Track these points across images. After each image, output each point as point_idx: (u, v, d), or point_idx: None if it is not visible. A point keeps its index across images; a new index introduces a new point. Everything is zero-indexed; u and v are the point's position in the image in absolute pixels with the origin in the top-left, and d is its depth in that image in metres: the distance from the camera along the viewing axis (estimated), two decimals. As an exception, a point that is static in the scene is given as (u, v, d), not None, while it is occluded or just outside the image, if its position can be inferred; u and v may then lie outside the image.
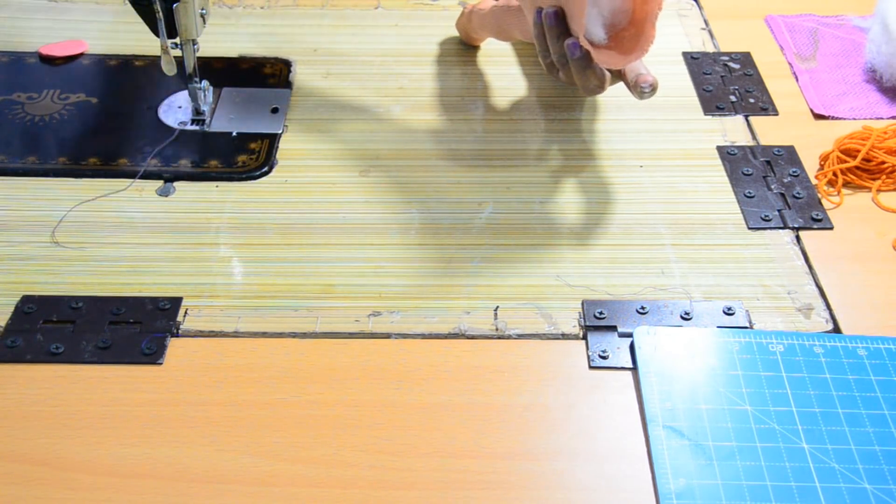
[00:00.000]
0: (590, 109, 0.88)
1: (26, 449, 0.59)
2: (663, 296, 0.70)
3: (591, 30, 0.74)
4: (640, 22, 0.74)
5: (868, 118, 0.87)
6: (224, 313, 0.68)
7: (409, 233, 0.75)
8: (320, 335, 0.66)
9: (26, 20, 0.99)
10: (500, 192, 0.79)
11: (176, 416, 0.61)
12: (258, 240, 0.74)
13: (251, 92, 0.89)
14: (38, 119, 0.85)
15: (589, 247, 0.74)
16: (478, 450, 0.59)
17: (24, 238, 0.74)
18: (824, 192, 0.79)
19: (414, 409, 0.62)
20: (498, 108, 0.88)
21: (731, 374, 0.63)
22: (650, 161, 0.82)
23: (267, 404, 0.62)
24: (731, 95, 0.90)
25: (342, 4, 1.02)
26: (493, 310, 0.68)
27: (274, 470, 0.58)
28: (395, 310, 0.68)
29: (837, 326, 0.68)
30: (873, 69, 0.91)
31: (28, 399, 0.62)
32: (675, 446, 0.59)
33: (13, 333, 0.66)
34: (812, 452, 0.59)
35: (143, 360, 0.64)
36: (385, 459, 0.59)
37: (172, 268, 0.72)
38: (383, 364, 0.64)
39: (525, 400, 0.62)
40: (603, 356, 0.65)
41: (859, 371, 0.63)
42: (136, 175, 0.79)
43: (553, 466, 0.58)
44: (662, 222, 0.76)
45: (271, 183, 0.80)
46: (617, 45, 0.74)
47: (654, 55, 0.95)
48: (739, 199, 0.78)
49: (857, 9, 1.01)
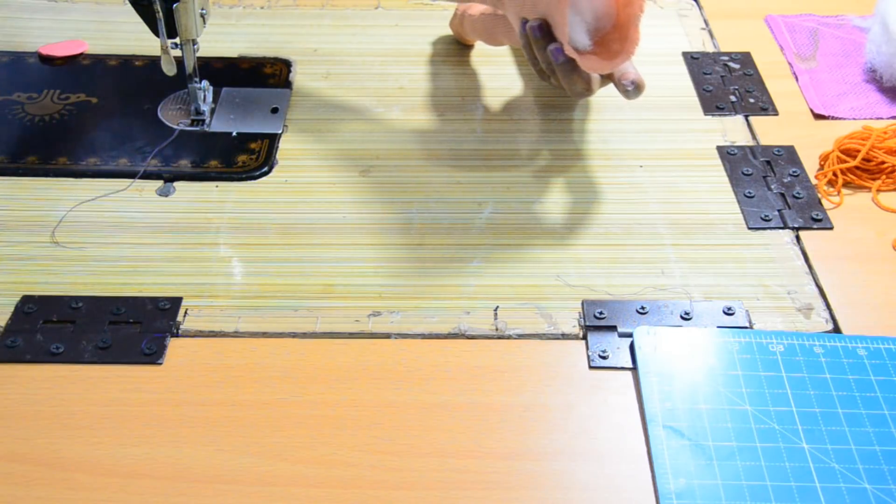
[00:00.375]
0: (590, 110, 0.88)
1: (26, 449, 0.59)
2: (663, 296, 0.70)
3: (575, 37, 0.74)
4: (623, 25, 0.74)
5: (868, 118, 0.87)
6: (224, 313, 0.68)
7: (409, 233, 0.75)
8: (320, 335, 0.66)
9: (26, 20, 0.99)
10: (500, 192, 0.79)
11: (176, 416, 0.61)
12: (258, 240, 0.74)
13: (251, 92, 0.89)
14: (38, 119, 0.85)
15: (589, 247, 0.74)
16: (478, 450, 0.59)
17: (24, 238, 0.74)
18: (824, 192, 0.79)
19: (414, 409, 0.62)
20: (498, 108, 0.88)
21: (731, 374, 0.63)
22: (650, 161, 0.82)
23: (267, 404, 0.62)
24: (731, 95, 0.90)
25: (342, 4, 1.02)
26: (493, 310, 0.68)
27: (274, 470, 0.58)
28: (395, 310, 0.68)
29: (837, 326, 0.68)
30: (873, 69, 0.91)
31: (28, 399, 0.62)
32: (675, 446, 0.59)
33: (13, 333, 0.66)
34: (812, 452, 0.59)
35: (143, 360, 0.64)
36: (385, 459, 0.59)
37: (172, 268, 0.72)
38: (383, 364, 0.64)
39: (525, 400, 0.62)
40: (603, 356, 0.65)
41: (859, 371, 0.63)
42: (136, 175, 0.79)
43: (553, 466, 0.58)
44: (662, 222, 0.76)
45: (271, 183, 0.80)
46: (602, 50, 0.75)
47: (655, 55, 0.95)
48: (739, 199, 0.78)
49: (857, 9, 1.01)
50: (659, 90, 0.90)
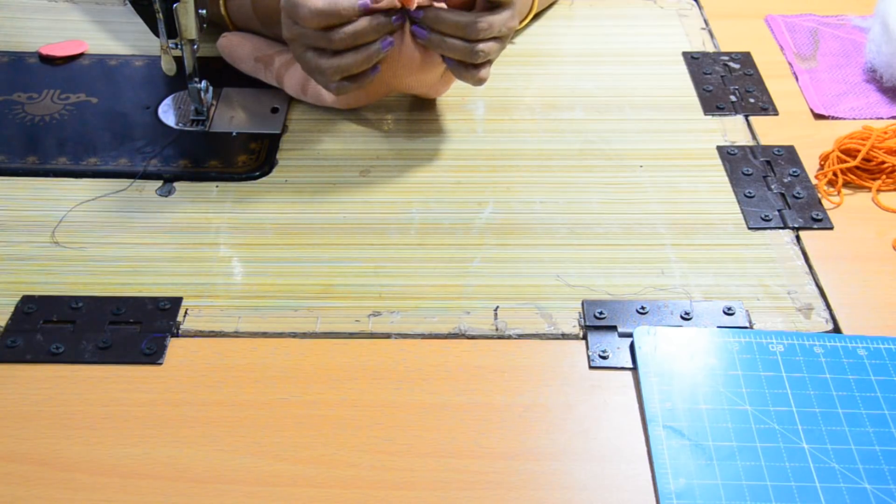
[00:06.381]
0: (590, 109, 0.88)
1: (26, 449, 0.59)
2: (663, 296, 0.70)
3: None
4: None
5: (868, 118, 0.87)
6: (224, 313, 0.68)
7: (409, 233, 0.75)
8: (320, 335, 0.66)
9: (26, 20, 0.99)
10: (500, 192, 0.79)
11: (176, 416, 0.61)
12: (258, 240, 0.74)
13: (251, 92, 0.88)
14: (38, 119, 0.85)
15: (589, 247, 0.74)
16: (478, 450, 0.59)
17: (24, 238, 0.74)
18: (824, 192, 0.79)
19: (414, 409, 0.62)
20: (498, 108, 0.88)
21: (731, 374, 0.63)
22: (650, 161, 0.82)
23: (267, 404, 0.62)
24: (731, 95, 0.90)
25: (342, 4, 1.02)
26: (493, 310, 0.68)
27: (274, 470, 0.58)
28: (395, 310, 0.68)
29: (837, 326, 0.68)
30: (873, 69, 0.91)
31: (28, 399, 0.62)
32: (675, 446, 0.59)
33: (13, 333, 0.66)
34: (812, 452, 0.59)
35: (143, 360, 0.64)
36: (385, 459, 0.59)
37: (172, 268, 0.72)
38: (383, 364, 0.64)
39: (525, 400, 0.62)
40: (603, 356, 0.65)
41: (859, 371, 0.63)
42: (136, 175, 0.79)
43: (553, 466, 0.58)
44: (662, 222, 0.76)
45: (271, 183, 0.80)
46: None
47: (655, 55, 0.95)
48: (739, 199, 0.78)
49: (857, 9, 1.01)
50: (659, 90, 0.90)
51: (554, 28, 1.00)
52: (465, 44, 0.74)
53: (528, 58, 0.95)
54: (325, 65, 0.74)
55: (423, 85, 0.82)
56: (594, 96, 0.90)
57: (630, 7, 1.03)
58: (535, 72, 0.93)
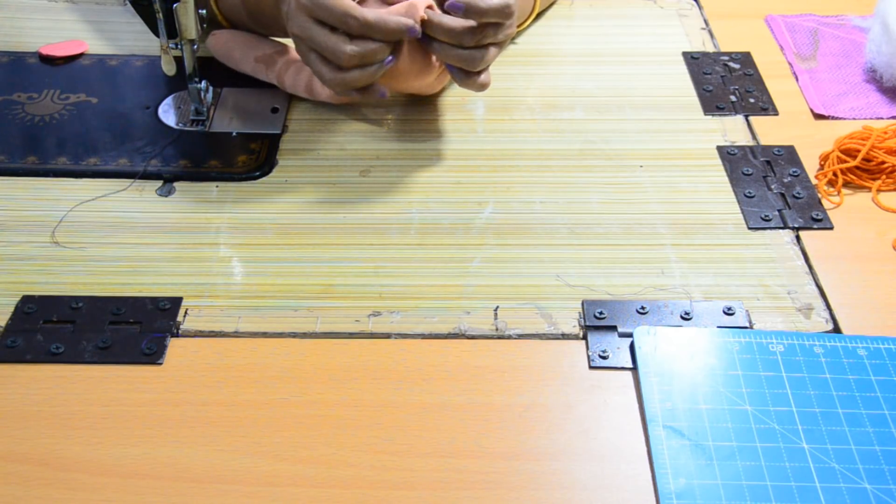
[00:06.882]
0: (590, 109, 0.88)
1: (26, 449, 0.59)
2: (663, 296, 0.70)
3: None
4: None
5: (868, 118, 0.87)
6: (224, 313, 0.68)
7: (409, 233, 0.75)
8: (320, 335, 0.66)
9: (26, 20, 0.99)
10: (500, 192, 0.79)
11: (176, 416, 0.61)
12: (258, 240, 0.74)
13: (251, 92, 0.88)
14: (38, 119, 0.85)
15: (589, 247, 0.74)
16: (478, 450, 0.59)
17: (24, 238, 0.74)
18: (824, 192, 0.79)
19: (414, 409, 0.62)
20: (498, 108, 0.88)
21: (731, 374, 0.63)
22: (650, 161, 0.82)
23: (267, 404, 0.62)
24: (731, 95, 0.90)
25: (342, 4, 1.02)
26: (493, 310, 0.68)
27: (274, 470, 0.58)
28: (395, 310, 0.68)
29: (837, 326, 0.68)
30: (873, 69, 0.91)
31: (28, 399, 0.62)
32: (675, 446, 0.59)
33: (13, 333, 0.66)
34: (812, 452, 0.59)
35: (143, 360, 0.64)
36: (385, 459, 0.59)
37: (172, 268, 0.72)
38: (383, 364, 0.64)
39: (525, 400, 0.62)
40: (603, 356, 0.65)
41: (859, 371, 0.63)
42: (136, 175, 0.79)
43: (553, 466, 0.58)
44: (662, 222, 0.76)
45: (271, 183, 0.80)
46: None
47: (655, 55, 0.95)
48: (739, 199, 0.78)
49: (857, 9, 1.01)
50: (659, 90, 0.90)
51: (554, 28, 1.00)
52: (463, 51, 0.76)
53: (528, 58, 0.95)
54: (329, 76, 0.75)
55: (419, 87, 0.83)
56: (594, 96, 0.90)
57: (630, 7, 1.03)
58: (535, 72, 0.93)
